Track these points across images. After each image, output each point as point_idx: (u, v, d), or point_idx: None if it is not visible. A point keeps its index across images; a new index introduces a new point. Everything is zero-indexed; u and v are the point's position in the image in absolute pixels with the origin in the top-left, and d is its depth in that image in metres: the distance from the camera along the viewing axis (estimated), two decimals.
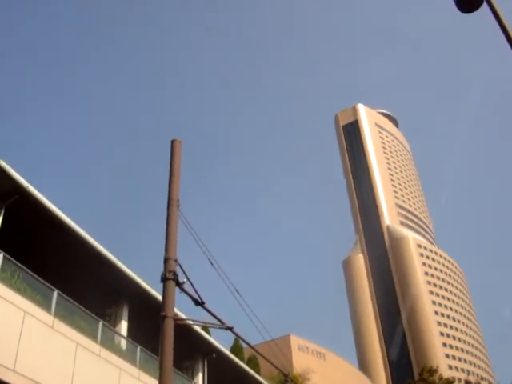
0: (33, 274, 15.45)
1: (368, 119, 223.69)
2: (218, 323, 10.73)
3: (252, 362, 44.78)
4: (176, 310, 11.34)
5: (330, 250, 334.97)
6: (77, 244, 18.31)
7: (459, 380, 53.76)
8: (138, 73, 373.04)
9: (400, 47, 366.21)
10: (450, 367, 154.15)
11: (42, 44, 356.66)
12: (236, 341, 48.60)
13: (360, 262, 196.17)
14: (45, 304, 15.36)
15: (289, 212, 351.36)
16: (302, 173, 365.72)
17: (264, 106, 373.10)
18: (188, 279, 9.95)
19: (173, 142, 11.68)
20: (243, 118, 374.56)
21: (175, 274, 9.87)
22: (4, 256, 14.55)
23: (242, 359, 36.38)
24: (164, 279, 9.83)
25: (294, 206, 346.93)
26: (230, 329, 10.83)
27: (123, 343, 19.43)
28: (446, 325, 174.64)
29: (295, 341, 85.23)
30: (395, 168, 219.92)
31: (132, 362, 18.76)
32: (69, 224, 17.59)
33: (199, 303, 10.09)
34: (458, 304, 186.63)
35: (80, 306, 17.14)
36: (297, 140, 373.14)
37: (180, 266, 9.98)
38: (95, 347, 16.95)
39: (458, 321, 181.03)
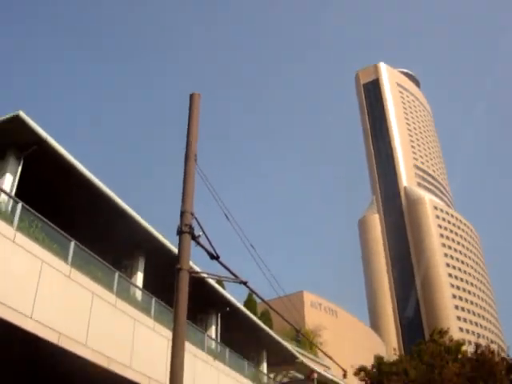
0: (51, 224, 15.59)
1: (389, 78, 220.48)
2: (233, 277, 10.81)
3: (265, 317, 45.38)
4: (191, 263, 11.43)
5: (345, 210, 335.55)
6: (95, 196, 18.42)
7: (469, 342, 53.92)
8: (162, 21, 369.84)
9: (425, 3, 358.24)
10: (461, 329, 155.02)
11: None
12: (249, 295, 49.18)
13: (375, 222, 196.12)
14: (62, 254, 15.54)
15: (305, 173, 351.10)
16: (319, 133, 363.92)
17: (280, 61, 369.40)
18: (204, 233, 9.99)
19: (192, 95, 11.57)
20: (261, 77, 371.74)
21: (191, 228, 9.91)
22: (22, 206, 14.68)
23: (255, 314, 36.84)
24: (180, 232, 9.88)
25: (310, 167, 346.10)
26: (244, 283, 10.90)
27: (138, 294, 19.69)
28: (458, 287, 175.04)
29: (308, 297, 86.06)
30: (415, 129, 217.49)
31: (147, 313, 19.04)
32: (87, 176, 17.67)
33: (214, 257, 10.14)
34: (471, 267, 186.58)
35: (97, 257, 17.33)
36: (314, 100, 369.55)
37: (196, 219, 10.01)
38: (111, 297, 17.20)
39: (471, 284, 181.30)
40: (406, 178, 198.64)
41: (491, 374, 32.13)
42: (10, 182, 16.01)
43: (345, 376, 33.36)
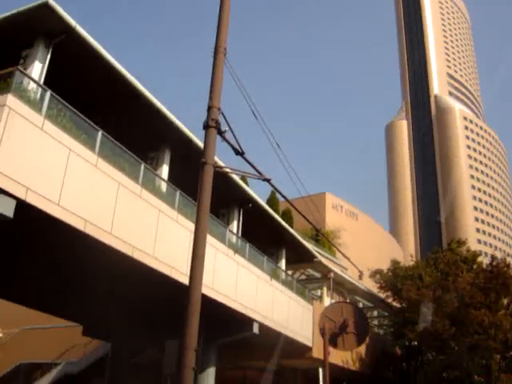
0: (79, 113, 15.67)
1: None
2: (256, 174, 10.91)
3: (286, 216, 46.08)
4: (216, 158, 11.53)
5: (374, 115, 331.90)
6: (123, 87, 18.35)
7: (486, 254, 54.51)
8: None
9: None
10: (479, 241, 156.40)
11: None
12: (272, 193, 49.83)
13: (403, 128, 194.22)
14: (89, 143, 15.70)
15: (335, 74, 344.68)
16: (353, 37, 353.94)
17: None
18: (230, 128, 10.02)
19: None
20: None
21: (217, 123, 9.93)
22: (51, 94, 14.71)
23: (276, 212, 37.39)
24: (206, 126, 9.91)
25: (340, 68, 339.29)
26: (268, 180, 11.00)
27: (163, 186, 20.00)
28: (481, 200, 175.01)
29: (330, 199, 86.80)
30: (451, 36, 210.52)
31: (171, 204, 19.40)
32: (116, 66, 17.53)
33: (239, 153, 10.21)
34: (496, 181, 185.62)
35: (123, 148, 17.49)
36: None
37: (223, 114, 10.02)
38: (137, 188, 17.51)
39: (494, 197, 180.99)
40: (438, 85, 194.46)
41: (504, 286, 32.64)
42: (38, 70, 15.95)
43: (360, 277, 34.25)
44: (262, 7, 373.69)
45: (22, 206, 12.96)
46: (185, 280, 13.96)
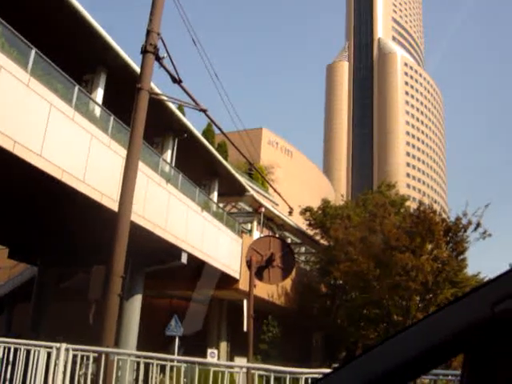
0: (11, 28, 14.98)
1: None
2: (193, 104, 10.79)
3: (221, 149, 46.02)
4: (153, 85, 11.30)
5: (316, 54, 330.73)
6: (60, 5, 17.62)
7: (414, 199, 56.21)
8: None
9: None
10: (409, 186, 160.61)
11: None
12: (208, 125, 49.43)
13: (344, 69, 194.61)
14: (22, 61, 15.10)
15: (280, 8, 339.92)
16: None
17: None
18: (168, 54, 9.82)
19: None
20: None
21: (156, 48, 9.70)
22: None
23: (212, 144, 37.23)
24: (144, 51, 9.68)
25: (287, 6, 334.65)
26: (204, 111, 10.92)
27: (97, 111, 19.54)
28: (414, 146, 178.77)
29: (266, 135, 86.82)
30: None
31: (104, 130, 19.02)
32: None
33: (176, 81, 10.05)
34: (430, 128, 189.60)
35: (57, 68, 16.90)
36: None
37: (162, 40, 9.78)
38: (69, 111, 17.04)
39: (427, 145, 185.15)
40: (382, 29, 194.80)
41: (430, 231, 33.67)
42: None
43: (290, 213, 34.82)
44: None
45: None
46: (115, 207, 13.86)
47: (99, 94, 21.01)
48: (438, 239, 33.93)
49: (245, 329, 16.34)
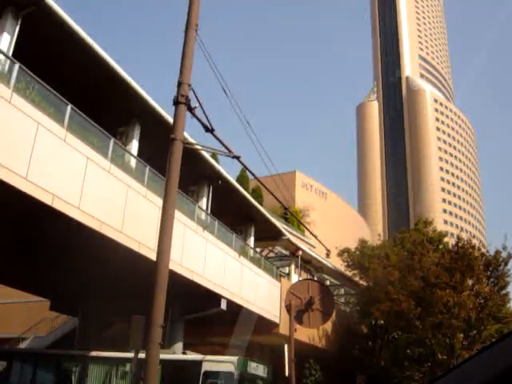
0: (48, 86, 15.48)
1: None
2: (226, 151, 10.95)
3: (256, 193, 46.20)
4: (186, 135, 11.53)
5: (346, 96, 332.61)
6: (92, 61, 18.18)
7: (452, 235, 55.48)
8: None
9: None
10: (446, 222, 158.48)
11: None
12: (242, 171, 49.82)
13: (374, 109, 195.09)
14: (58, 117, 15.55)
15: (307, 51, 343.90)
16: (327, 13, 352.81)
17: None
18: (200, 104, 10.02)
19: None
20: None
21: (187, 99, 9.92)
22: (20, 67, 14.50)
23: (246, 189, 37.45)
24: (176, 102, 9.90)
25: (312, 46, 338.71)
26: (237, 157, 11.05)
27: (133, 162, 19.92)
28: (448, 181, 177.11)
29: (300, 177, 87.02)
30: (424, 19, 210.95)
31: (140, 180, 19.36)
32: (85, 39, 17.34)
33: (209, 129, 10.23)
34: (463, 163, 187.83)
35: (93, 122, 17.36)
36: None
37: (193, 90, 10.00)
38: (105, 163, 17.42)
39: (462, 179, 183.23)
40: (410, 67, 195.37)
41: (469, 267, 33.15)
42: (7, 41, 15.71)
43: (328, 255, 34.51)
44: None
45: None
46: (153, 256, 14.00)
47: (134, 146, 21.45)
48: (479, 274, 33.39)
49: (286, 373, 16.15)
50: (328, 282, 43.66)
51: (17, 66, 14.38)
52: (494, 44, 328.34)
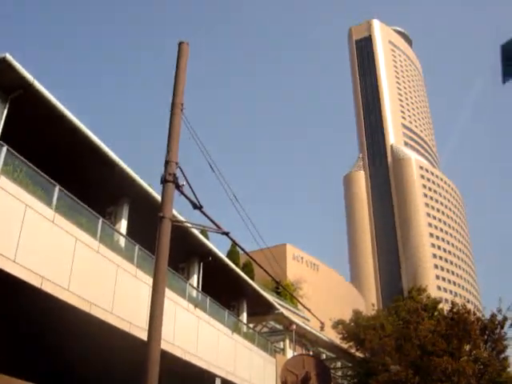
0: (35, 168, 15.57)
1: (382, 35, 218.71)
2: (215, 227, 10.95)
3: (247, 268, 45.92)
4: (175, 212, 11.56)
5: (332, 167, 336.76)
6: (81, 143, 18.34)
7: (446, 301, 55.19)
8: None
9: None
10: (439, 288, 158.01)
11: None
12: (232, 247, 49.68)
13: (361, 179, 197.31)
14: (46, 199, 15.57)
15: (292, 122, 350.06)
16: (311, 90, 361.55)
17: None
18: (187, 182, 10.09)
19: (180, 44, 11.53)
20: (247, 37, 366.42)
21: (175, 177, 10.00)
22: (7, 150, 14.62)
23: (237, 265, 37.24)
24: (164, 181, 9.98)
25: (298, 117, 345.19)
26: (227, 234, 11.05)
27: (122, 241, 19.84)
28: (439, 247, 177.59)
29: (291, 250, 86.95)
30: (405, 88, 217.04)
31: (130, 259, 19.22)
32: (73, 121, 17.53)
33: (197, 207, 10.27)
34: (453, 228, 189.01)
35: (81, 203, 17.37)
36: (307, 59, 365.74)
37: (180, 169, 10.10)
38: (94, 244, 17.33)
39: (452, 244, 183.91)
40: (394, 136, 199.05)
41: (466, 332, 32.91)
42: None
43: (322, 328, 34.08)
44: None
45: None
46: (144, 335, 13.74)
47: (123, 225, 21.41)
48: (475, 339, 33.11)
49: None
50: (324, 356, 42.92)
51: (4, 148, 14.49)
52: (475, 105, 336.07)
